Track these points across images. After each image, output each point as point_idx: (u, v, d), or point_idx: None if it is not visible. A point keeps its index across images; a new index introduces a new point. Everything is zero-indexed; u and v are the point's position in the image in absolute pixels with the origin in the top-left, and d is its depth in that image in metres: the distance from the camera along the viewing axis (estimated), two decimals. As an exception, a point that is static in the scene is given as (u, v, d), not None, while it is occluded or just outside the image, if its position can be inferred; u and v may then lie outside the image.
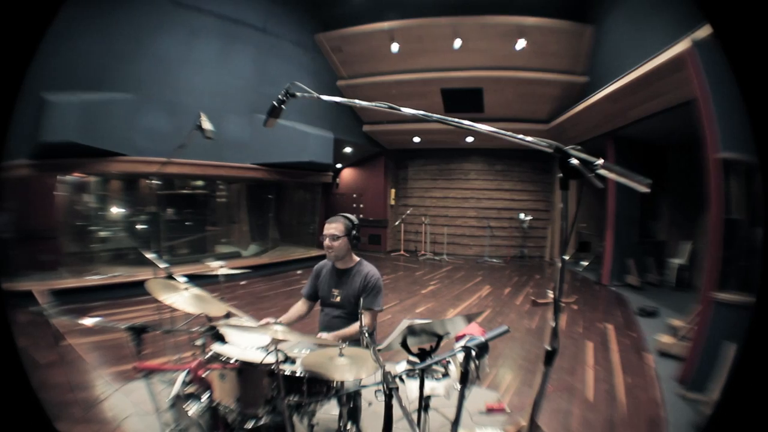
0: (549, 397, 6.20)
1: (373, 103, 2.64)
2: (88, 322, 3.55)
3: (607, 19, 13.11)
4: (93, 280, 12.00)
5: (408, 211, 21.21)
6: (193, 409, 3.73)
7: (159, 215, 14.31)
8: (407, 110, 2.56)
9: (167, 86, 12.67)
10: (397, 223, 21.43)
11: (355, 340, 4.38)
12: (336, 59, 17.20)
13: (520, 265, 18.63)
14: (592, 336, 9.34)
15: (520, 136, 2.20)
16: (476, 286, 14.01)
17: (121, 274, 12.35)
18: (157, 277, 4.59)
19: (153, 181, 6.24)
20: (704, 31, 7.24)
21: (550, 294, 12.25)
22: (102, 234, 14.24)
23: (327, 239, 4.70)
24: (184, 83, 13.02)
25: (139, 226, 14.69)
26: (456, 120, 2.40)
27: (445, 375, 3.92)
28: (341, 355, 3.30)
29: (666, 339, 8.20)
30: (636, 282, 14.00)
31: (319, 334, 4.57)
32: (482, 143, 20.04)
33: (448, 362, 3.90)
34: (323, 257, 5.01)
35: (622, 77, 10.61)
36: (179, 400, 3.92)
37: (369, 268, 4.85)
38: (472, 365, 3.20)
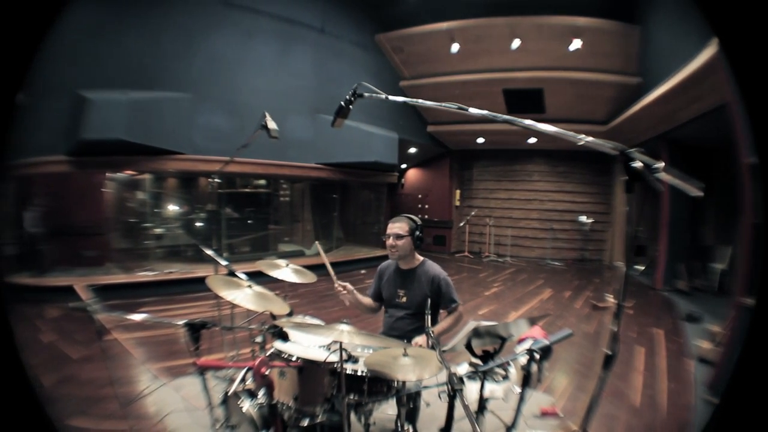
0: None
1: (443, 104, 2.65)
2: (137, 317, 3.54)
3: (652, 19, 12.76)
4: (146, 276, 12.13)
5: (473, 213, 20.98)
6: (246, 405, 3.72)
7: (219, 213, 14.39)
8: (475, 111, 2.58)
9: (224, 86, 12.71)
10: (462, 224, 21.21)
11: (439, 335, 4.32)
12: (398, 59, 17.07)
13: (581, 269, 18.39)
14: (644, 341, 9.15)
15: (584, 137, 2.24)
16: (538, 289, 13.82)
17: (176, 271, 12.43)
18: (219, 274, 4.65)
19: (215, 180, 6.28)
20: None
21: (609, 298, 12.10)
22: (157, 231, 14.40)
23: (391, 238, 4.67)
24: (242, 83, 13.02)
25: (198, 224, 14.90)
26: (523, 121, 2.45)
27: (505, 378, 3.86)
28: (405, 355, 3.21)
29: (705, 345, 8.10)
30: (685, 287, 13.60)
31: (415, 340, 4.37)
32: (545, 144, 19.72)
33: (509, 365, 3.82)
34: (387, 258, 4.95)
35: (671, 78, 10.35)
36: (233, 396, 3.92)
37: (435, 268, 4.77)
38: (534, 369, 3.21)
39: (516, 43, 14.57)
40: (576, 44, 13.99)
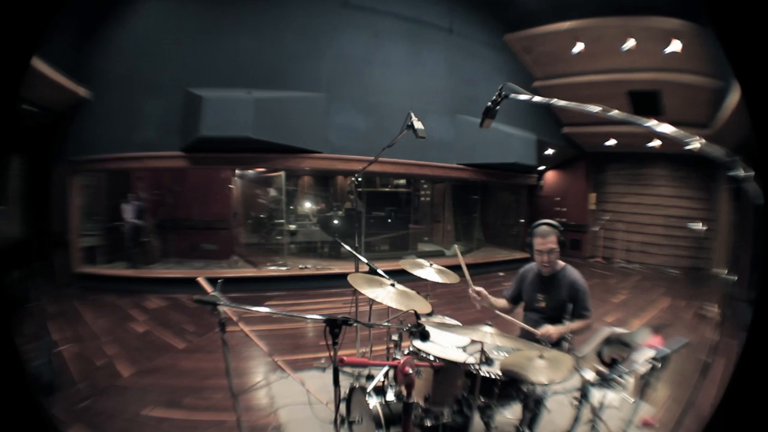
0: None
1: (586, 106, 2.55)
2: (264, 310, 3.53)
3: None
4: (278, 270, 12.29)
5: (606, 217, 20.56)
6: (373, 402, 3.75)
7: (358, 212, 14.55)
8: (616, 113, 2.56)
9: (357, 86, 12.73)
10: (596, 228, 20.81)
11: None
12: (529, 60, 16.81)
13: (694, 277, 17.78)
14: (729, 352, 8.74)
15: (695, 140, 2.18)
16: (658, 297, 13.39)
17: (310, 267, 12.52)
18: (360, 272, 4.69)
19: (359, 179, 6.31)
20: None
21: (713, 308, 11.64)
22: (290, 227, 14.64)
23: (545, 255, 4.68)
24: (375, 83, 13.02)
25: (335, 222, 15.04)
26: (658, 125, 2.39)
27: (620, 386, 3.78)
28: (541, 357, 3.26)
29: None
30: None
31: (541, 328, 4.44)
32: (667, 148, 19.15)
33: (628, 373, 3.72)
34: (526, 260, 4.97)
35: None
36: (358, 391, 3.95)
37: (574, 275, 4.77)
38: (654, 378, 3.29)
39: (629, 44, 14.16)
40: (676, 46, 13.48)
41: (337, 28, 12.51)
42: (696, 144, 2.08)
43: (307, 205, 15.34)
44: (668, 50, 13.66)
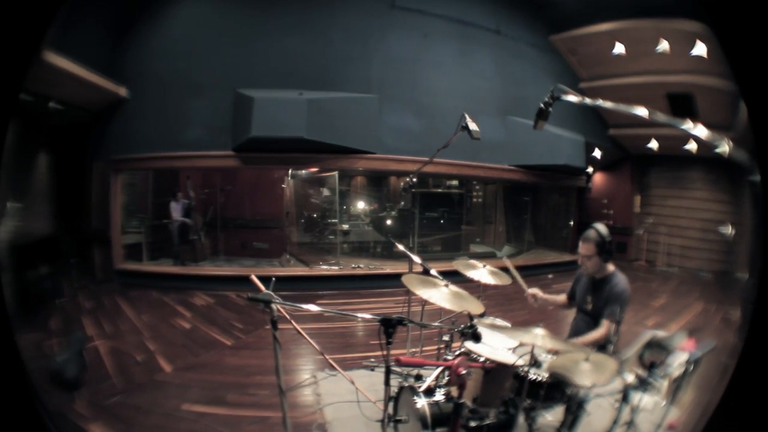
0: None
1: (633, 108, 2.53)
2: (312, 308, 3.55)
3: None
4: (330, 270, 12.36)
5: (650, 220, 20.41)
6: (421, 402, 3.75)
7: (411, 212, 14.51)
8: (661, 116, 2.68)
9: (408, 87, 12.74)
10: (640, 231, 20.67)
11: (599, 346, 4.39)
12: (574, 61, 16.74)
13: (724, 280, 17.58)
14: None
15: (724, 142, 2.22)
16: (693, 301, 13.27)
17: (362, 267, 12.56)
18: (414, 272, 4.72)
19: (413, 179, 6.32)
20: None
21: (736, 311, 11.51)
22: (343, 227, 14.69)
23: (582, 259, 4.74)
24: (426, 84, 13.00)
25: (388, 222, 15.14)
26: (692, 126, 2.45)
27: (655, 389, 3.84)
28: (587, 360, 3.27)
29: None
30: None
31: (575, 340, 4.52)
32: (702, 151, 18.91)
33: (662, 377, 3.83)
34: (574, 263, 4.98)
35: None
36: (407, 391, 3.98)
37: (621, 284, 4.69)
38: (684, 381, 3.47)
39: (662, 46, 13.99)
40: (701, 49, 13.31)
41: (386, 30, 12.53)
42: (725, 147, 2.06)
43: (360, 205, 15.38)
44: (694, 53, 13.52)
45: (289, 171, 13.62)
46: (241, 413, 5.35)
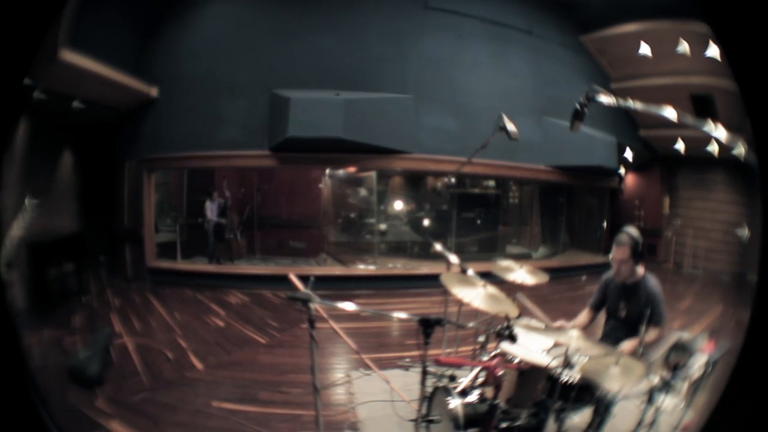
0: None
1: (664, 110, 2.51)
2: (350, 307, 3.56)
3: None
4: (367, 270, 12.44)
5: (678, 222, 20.29)
6: (454, 403, 3.75)
7: (449, 212, 14.51)
8: (687, 118, 2.75)
9: (444, 87, 12.68)
10: (668, 234, 20.55)
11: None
12: (604, 61, 16.66)
13: (741, 282, 17.44)
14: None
15: (739, 146, 2.25)
16: (714, 303, 13.20)
17: (399, 267, 12.65)
18: (452, 272, 4.78)
19: (452, 180, 6.30)
20: None
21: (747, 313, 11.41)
22: (381, 227, 14.67)
23: (615, 263, 4.72)
24: (462, 84, 12.95)
25: (426, 222, 15.11)
26: (714, 128, 2.49)
27: (675, 390, 3.94)
28: (616, 364, 3.29)
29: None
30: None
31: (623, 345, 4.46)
32: (724, 154, 18.80)
33: (683, 378, 3.92)
34: (608, 265, 4.95)
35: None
36: (441, 391, 3.97)
37: (654, 286, 4.72)
38: (702, 383, 3.51)
39: (682, 47, 13.87)
40: (714, 51, 13.17)
41: (420, 30, 12.50)
42: (741, 149, 2.04)
43: (398, 205, 15.38)
44: (708, 54, 13.41)
45: (327, 171, 13.68)
46: (273, 411, 5.39)
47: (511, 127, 5.40)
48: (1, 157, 2.46)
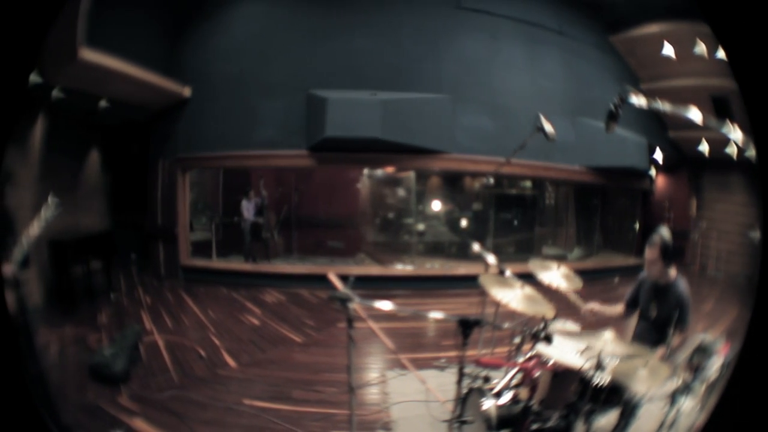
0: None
1: (689, 111, 2.53)
2: (387, 307, 3.58)
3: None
4: (404, 270, 12.52)
5: (704, 224, 20.11)
6: (488, 404, 3.77)
7: (487, 213, 14.52)
8: (712, 120, 2.75)
9: (481, 87, 12.65)
10: (695, 236, 20.37)
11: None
12: (633, 62, 16.56)
13: (751, 284, 17.15)
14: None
15: (751, 148, 2.29)
16: (731, 305, 13.00)
17: (437, 267, 12.73)
18: (490, 273, 4.87)
19: (491, 180, 6.32)
20: None
21: None
22: (419, 227, 14.67)
23: (646, 263, 4.74)
24: (498, 84, 12.93)
25: (463, 223, 15.07)
26: (731, 130, 2.56)
27: (693, 392, 3.97)
28: (645, 366, 3.29)
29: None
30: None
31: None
32: (741, 155, 18.55)
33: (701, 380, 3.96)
34: (640, 266, 4.99)
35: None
36: (476, 393, 3.98)
37: (683, 290, 4.73)
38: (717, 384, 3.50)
39: (700, 48, 13.72)
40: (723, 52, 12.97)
41: (454, 30, 12.50)
42: (752, 151, 2.04)
43: (436, 205, 15.37)
44: (719, 56, 13.28)
45: (365, 171, 13.71)
46: (306, 409, 5.40)
47: (548, 127, 5.39)
48: (5, 151, 2.49)
